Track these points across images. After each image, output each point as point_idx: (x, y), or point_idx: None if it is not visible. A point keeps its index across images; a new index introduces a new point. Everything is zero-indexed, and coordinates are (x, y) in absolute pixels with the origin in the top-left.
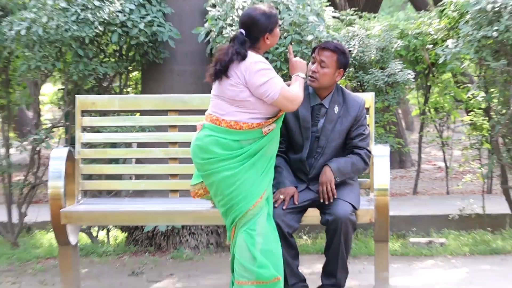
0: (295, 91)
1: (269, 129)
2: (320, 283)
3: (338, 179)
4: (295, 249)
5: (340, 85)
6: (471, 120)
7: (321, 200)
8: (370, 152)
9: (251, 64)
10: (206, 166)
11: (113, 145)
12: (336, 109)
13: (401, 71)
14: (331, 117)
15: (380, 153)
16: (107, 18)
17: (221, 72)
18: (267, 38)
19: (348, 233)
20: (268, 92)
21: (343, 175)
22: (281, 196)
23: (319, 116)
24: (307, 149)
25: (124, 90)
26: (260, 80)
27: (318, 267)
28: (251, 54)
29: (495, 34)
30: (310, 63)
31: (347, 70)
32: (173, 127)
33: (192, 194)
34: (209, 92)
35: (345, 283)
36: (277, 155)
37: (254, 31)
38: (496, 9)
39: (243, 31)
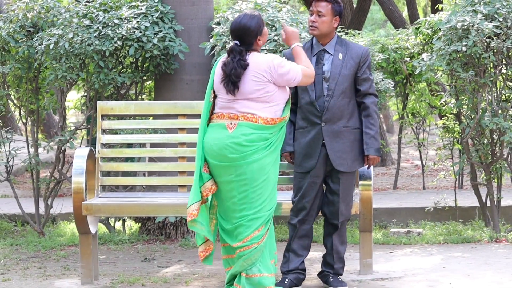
0: (309, 66)
1: (288, 117)
2: (309, 270)
3: (380, 153)
4: (311, 241)
5: (343, 38)
6: (444, 123)
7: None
8: (376, 96)
9: (271, 61)
10: (245, 157)
11: (129, 145)
12: (340, 56)
13: (382, 80)
14: (336, 63)
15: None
16: (125, 34)
17: (238, 83)
18: (259, 40)
19: (342, 230)
20: (294, 76)
21: (379, 148)
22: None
23: (323, 59)
24: (314, 91)
25: (139, 97)
26: (285, 70)
27: (310, 254)
28: (258, 54)
29: (464, 48)
30: (309, 15)
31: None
32: (182, 129)
33: (190, 216)
34: None
35: (343, 271)
36: None
37: (247, 38)
38: (465, 27)
39: (238, 42)
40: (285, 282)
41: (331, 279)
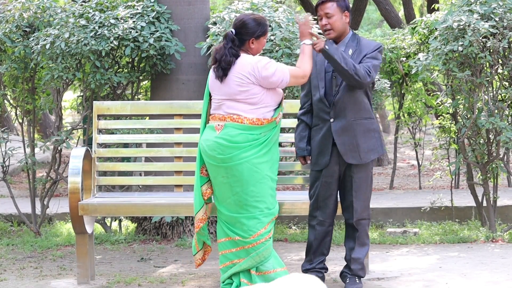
0: (303, 67)
1: (279, 118)
2: None
3: (327, 47)
4: (329, 241)
5: (358, 35)
6: (440, 123)
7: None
8: (368, 68)
9: (256, 63)
10: (233, 158)
11: (125, 145)
12: (350, 51)
13: (379, 80)
14: None
15: None
16: (121, 34)
17: (227, 70)
18: (252, 43)
19: (361, 231)
20: (280, 78)
21: (333, 51)
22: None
23: None
24: (323, 88)
25: (136, 97)
26: (269, 72)
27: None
28: (247, 56)
29: (460, 48)
30: (318, 21)
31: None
32: (178, 129)
33: (202, 221)
34: None
35: (364, 274)
36: (299, 119)
37: (242, 32)
38: (461, 27)
39: (233, 31)
40: None
41: (348, 281)
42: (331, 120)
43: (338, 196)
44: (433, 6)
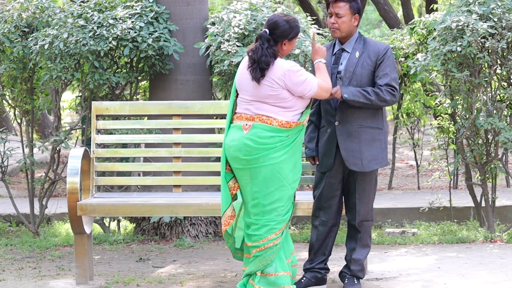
0: (327, 81)
1: (306, 121)
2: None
3: (345, 95)
4: (332, 242)
5: (363, 36)
6: (438, 124)
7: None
8: (391, 86)
9: (288, 69)
10: (259, 160)
11: (124, 145)
12: (357, 54)
13: None
14: (352, 61)
15: None
16: (120, 34)
17: (265, 70)
18: (284, 44)
19: (364, 233)
20: (308, 88)
21: (353, 95)
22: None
23: (341, 58)
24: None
25: (134, 97)
26: (300, 80)
27: (305, 254)
28: (279, 59)
29: (459, 48)
30: (327, 17)
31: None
32: (176, 129)
33: (226, 222)
34: (209, 99)
35: (363, 275)
36: (309, 119)
37: (276, 34)
38: (459, 27)
39: (267, 31)
40: (302, 280)
41: (346, 281)
42: (336, 123)
43: (343, 197)
44: (431, 6)
